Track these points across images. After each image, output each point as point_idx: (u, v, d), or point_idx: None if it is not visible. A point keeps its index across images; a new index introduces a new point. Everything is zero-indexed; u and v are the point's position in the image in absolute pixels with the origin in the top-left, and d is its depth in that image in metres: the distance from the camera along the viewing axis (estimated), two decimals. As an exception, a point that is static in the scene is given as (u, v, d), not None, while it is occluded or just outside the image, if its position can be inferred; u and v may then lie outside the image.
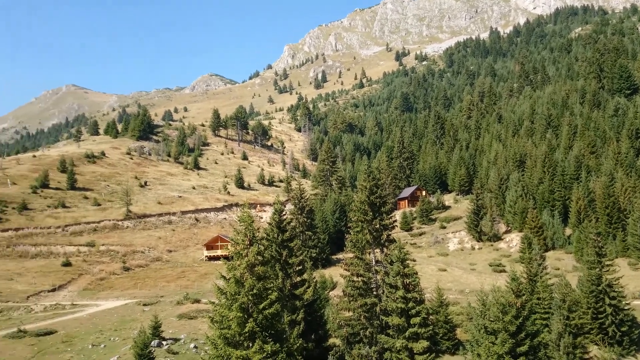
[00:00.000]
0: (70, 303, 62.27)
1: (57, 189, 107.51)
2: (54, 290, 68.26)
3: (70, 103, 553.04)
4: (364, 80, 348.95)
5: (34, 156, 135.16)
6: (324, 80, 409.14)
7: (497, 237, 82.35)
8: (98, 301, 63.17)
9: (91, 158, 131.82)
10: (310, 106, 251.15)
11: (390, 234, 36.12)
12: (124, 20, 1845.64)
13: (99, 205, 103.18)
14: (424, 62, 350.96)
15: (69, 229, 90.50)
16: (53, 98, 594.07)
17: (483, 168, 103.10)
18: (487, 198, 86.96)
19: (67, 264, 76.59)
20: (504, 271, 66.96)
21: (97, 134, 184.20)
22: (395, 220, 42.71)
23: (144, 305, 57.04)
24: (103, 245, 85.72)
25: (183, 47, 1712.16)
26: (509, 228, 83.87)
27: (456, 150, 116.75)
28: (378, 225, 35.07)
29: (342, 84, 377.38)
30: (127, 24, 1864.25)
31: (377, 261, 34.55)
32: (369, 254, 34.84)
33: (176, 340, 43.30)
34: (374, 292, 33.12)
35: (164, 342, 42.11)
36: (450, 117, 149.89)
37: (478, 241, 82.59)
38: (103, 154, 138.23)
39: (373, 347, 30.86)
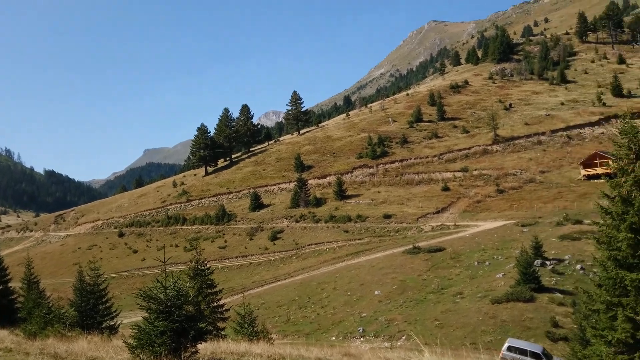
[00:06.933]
0: (453, 224, 68.33)
1: (429, 121, 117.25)
2: (437, 212, 76.02)
3: (432, 39, 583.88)
4: None
5: (407, 94, 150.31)
6: None
7: None
8: (477, 222, 67.16)
9: (455, 88, 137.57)
10: None
11: None
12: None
13: (467, 132, 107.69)
14: None
15: (443, 157, 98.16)
16: (417, 37, 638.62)
17: None
18: None
19: (445, 188, 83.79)
20: None
21: (459, 64, 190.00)
22: None
23: (522, 226, 57.67)
24: (475, 170, 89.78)
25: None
26: None
27: None
28: None
29: None
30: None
31: None
32: None
33: (560, 261, 42.49)
34: None
35: (547, 262, 41.93)
36: None
37: None
38: (466, 82, 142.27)
39: None
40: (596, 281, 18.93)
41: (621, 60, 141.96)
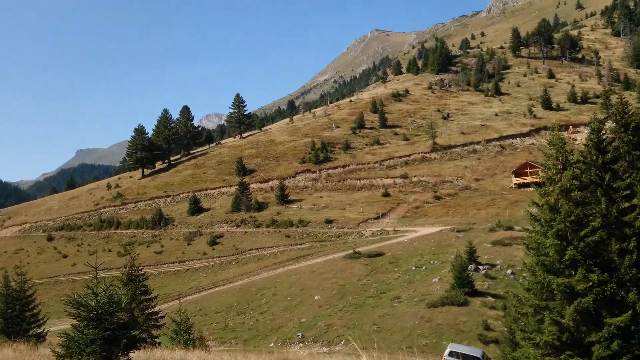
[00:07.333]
0: (392, 229, 69.63)
1: (371, 128, 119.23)
2: (377, 218, 77.27)
3: (375, 48, 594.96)
4: None
5: (350, 101, 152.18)
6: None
7: None
8: (415, 227, 68.79)
9: (397, 96, 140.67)
10: (631, 3, 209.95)
11: None
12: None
13: (408, 140, 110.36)
14: None
15: (385, 163, 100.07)
16: (361, 45, 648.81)
17: None
18: None
19: (386, 194, 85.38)
20: None
21: (400, 73, 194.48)
22: None
23: (457, 231, 59.55)
24: (415, 176, 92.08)
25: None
26: None
27: None
28: None
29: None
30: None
31: None
32: None
33: (492, 265, 44.21)
34: None
35: (481, 267, 43.52)
36: None
37: None
38: (407, 91, 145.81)
39: None
40: (525, 285, 19.79)
41: (551, 75, 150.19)
